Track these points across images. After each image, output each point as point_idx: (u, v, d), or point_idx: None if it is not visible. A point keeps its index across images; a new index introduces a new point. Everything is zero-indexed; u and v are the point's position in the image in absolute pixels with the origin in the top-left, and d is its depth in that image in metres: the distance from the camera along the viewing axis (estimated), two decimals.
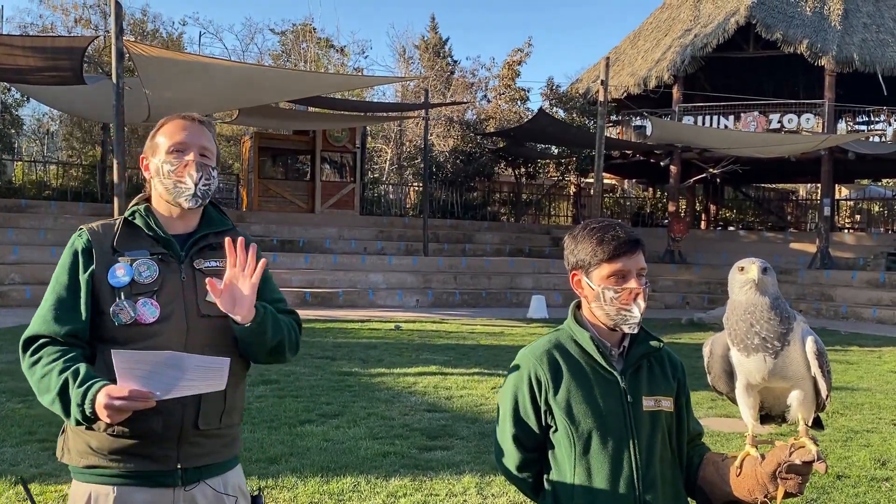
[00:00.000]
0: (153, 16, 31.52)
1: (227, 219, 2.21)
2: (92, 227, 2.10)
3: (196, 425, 2.00)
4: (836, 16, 21.37)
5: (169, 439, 1.97)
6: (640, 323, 1.95)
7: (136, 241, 2.06)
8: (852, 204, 29.41)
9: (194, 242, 2.11)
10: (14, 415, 6.36)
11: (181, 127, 2.11)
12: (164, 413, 1.94)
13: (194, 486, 2.01)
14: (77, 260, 2.04)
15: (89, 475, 2.00)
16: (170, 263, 2.05)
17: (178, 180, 2.06)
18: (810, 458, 1.75)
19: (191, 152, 2.08)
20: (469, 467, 5.27)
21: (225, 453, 2.09)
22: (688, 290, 19.59)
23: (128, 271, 2.00)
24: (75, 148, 26.18)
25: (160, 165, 2.08)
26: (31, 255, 15.83)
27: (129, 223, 2.10)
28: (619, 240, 1.94)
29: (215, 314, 2.01)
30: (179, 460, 1.99)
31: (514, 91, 28.44)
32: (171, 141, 2.09)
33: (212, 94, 14.58)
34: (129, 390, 1.77)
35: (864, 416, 7.34)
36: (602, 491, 1.90)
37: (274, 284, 2.24)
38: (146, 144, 2.17)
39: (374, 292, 16.96)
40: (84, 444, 1.99)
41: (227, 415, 2.07)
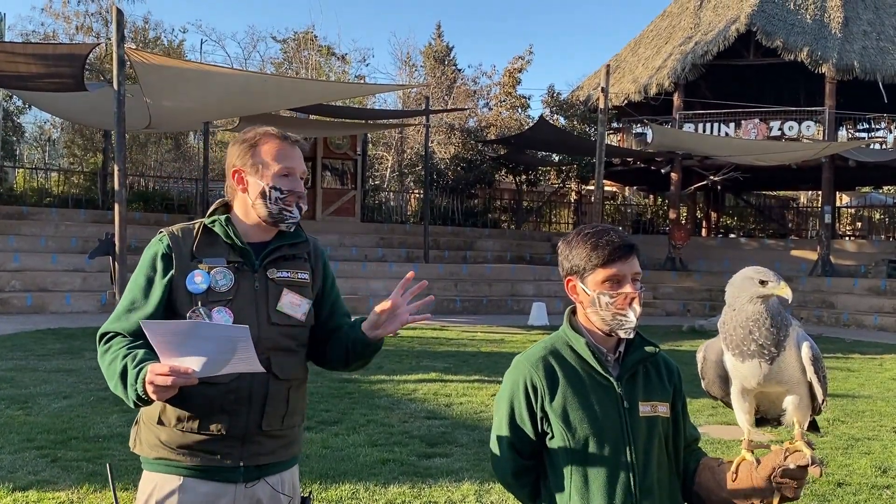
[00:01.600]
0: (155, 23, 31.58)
1: (301, 230, 2.26)
2: (172, 231, 2.16)
3: (260, 426, 2.08)
4: (836, 23, 21.40)
5: (234, 438, 2.06)
6: (636, 328, 1.94)
7: (214, 248, 2.13)
8: (853, 211, 29.39)
9: (269, 253, 2.17)
10: (13, 422, 6.34)
11: (285, 151, 2.15)
12: (230, 413, 2.05)
13: (255, 483, 2.10)
14: (156, 263, 2.11)
15: (158, 465, 2.08)
16: (245, 272, 2.12)
17: (286, 208, 2.14)
18: (805, 463, 1.74)
19: (297, 181, 2.15)
20: (468, 474, 5.26)
21: (285, 453, 2.17)
22: (689, 298, 19.57)
23: (205, 279, 2.08)
24: (76, 155, 26.21)
25: (268, 189, 2.12)
26: (31, 262, 15.83)
27: (208, 230, 2.15)
28: (613, 245, 1.93)
29: (283, 322, 2.12)
30: (242, 458, 2.07)
31: (515, 98, 28.49)
32: (280, 164, 2.13)
33: (213, 102, 14.61)
34: (170, 366, 1.83)
35: (865, 423, 7.32)
36: (599, 497, 1.90)
37: (342, 302, 2.36)
38: (240, 157, 2.17)
39: (374, 299, 16.88)
40: (155, 437, 2.08)
41: (289, 416, 2.15)
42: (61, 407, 6.90)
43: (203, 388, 2.00)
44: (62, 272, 15.71)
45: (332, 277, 2.32)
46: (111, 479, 2.18)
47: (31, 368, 8.76)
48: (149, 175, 25.25)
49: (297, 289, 2.17)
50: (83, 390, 7.63)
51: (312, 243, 2.28)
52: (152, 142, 27.15)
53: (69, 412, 6.69)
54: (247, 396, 2.06)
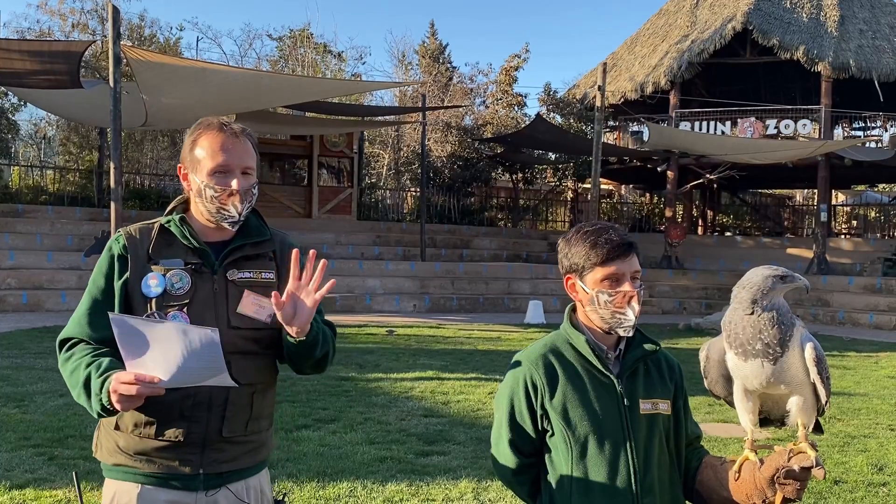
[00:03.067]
0: (151, 21, 31.47)
1: (265, 227, 2.16)
2: (130, 231, 2.09)
3: (220, 432, 2.00)
4: (832, 22, 21.44)
5: (193, 444, 1.98)
6: (635, 326, 1.94)
7: (171, 249, 2.04)
8: (849, 210, 29.47)
9: (229, 253, 2.07)
10: (9, 420, 6.33)
11: (221, 144, 2.02)
12: (189, 419, 1.97)
13: (216, 491, 2.02)
14: (113, 265, 2.03)
15: (116, 472, 2.03)
16: (203, 274, 2.03)
17: (222, 207, 2.02)
18: (809, 465, 1.73)
19: (234, 177, 2.01)
20: (466, 472, 5.26)
21: (248, 460, 2.09)
22: (685, 296, 19.59)
23: (160, 281, 1.99)
24: (72, 153, 26.13)
25: (202, 188, 2.02)
26: (27, 260, 15.79)
27: (166, 230, 2.07)
28: (612, 243, 1.92)
29: (245, 326, 2.03)
30: (202, 466, 2.00)
31: (512, 97, 28.47)
32: (213, 162, 2.01)
33: (209, 98, 14.57)
34: (135, 375, 1.77)
35: (861, 421, 7.33)
36: (599, 495, 1.89)
37: None
38: (184, 153, 2.08)
39: (371, 297, 16.93)
40: (113, 442, 2.02)
41: (253, 422, 2.07)
42: (57, 405, 6.88)
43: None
44: (58, 270, 15.67)
45: None
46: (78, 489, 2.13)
47: (27, 367, 8.74)
48: (145, 173, 25.20)
49: (260, 289, 2.06)
50: None
51: (279, 240, 2.17)
52: (148, 139, 27.08)
53: (65, 410, 6.68)
54: (206, 402, 1.97)
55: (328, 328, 2.15)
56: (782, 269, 1.80)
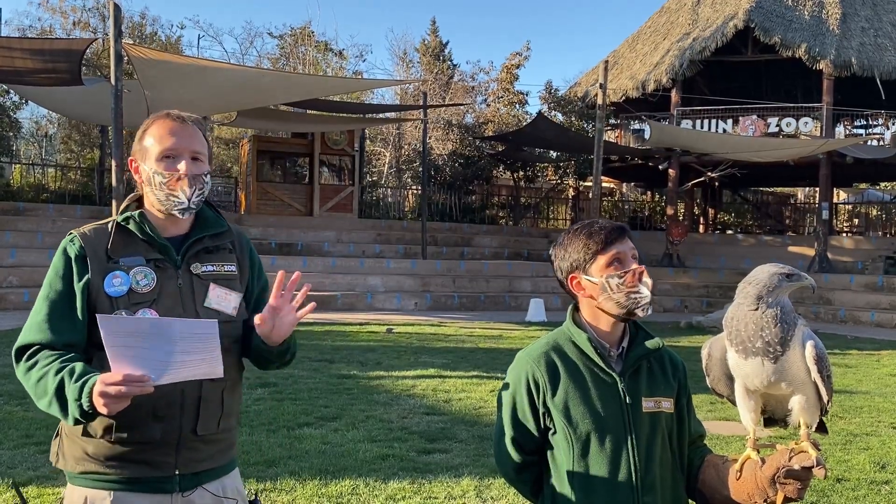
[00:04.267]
0: (152, 19, 31.50)
1: (222, 219, 2.14)
2: (84, 231, 2.03)
3: (195, 431, 1.97)
4: (834, 20, 21.41)
5: (167, 445, 1.95)
6: (652, 302, 1.94)
7: (131, 247, 1.99)
8: (850, 208, 29.44)
9: (190, 246, 2.05)
10: (11, 418, 6.34)
11: (169, 130, 1.99)
12: (163, 419, 1.93)
13: (192, 491, 1.99)
14: (71, 267, 1.97)
15: (85, 479, 1.97)
16: (166, 269, 2.00)
17: (171, 193, 1.98)
18: (810, 464, 1.72)
19: (182, 160, 1.98)
20: (468, 470, 5.26)
21: (223, 458, 2.07)
22: (686, 294, 19.59)
23: (125, 280, 1.95)
24: (73, 151, 26.15)
25: (151, 175, 1.99)
26: (28, 258, 15.80)
27: (122, 227, 2.02)
28: (606, 229, 1.96)
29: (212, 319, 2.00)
30: (177, 466, 1.96)
31: (513, 95, 28.47)
32: (160, 146, 1.98)
33: (210, 96, 14.58)
34: (123, 374, 1.71)
35: (863, 419, 7.33)
36: (600, 493, 1.89)
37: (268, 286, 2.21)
38: (134, 146, 2.06)
39: (372, 295, 16.94)
40: (80, 450, 1.96)
41: (224, 419, 2.04)
42: None
43: None
44: None
45: (258, 270, 2.18)
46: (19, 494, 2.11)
47: None
48: None
49: (224, 282, 2.05)
50: None
51: (236, 233, 2.15)
52: None
53: None
54: (179, 401, 1.93)
55: None
56: (789, 268, 1.79)
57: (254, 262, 2.18)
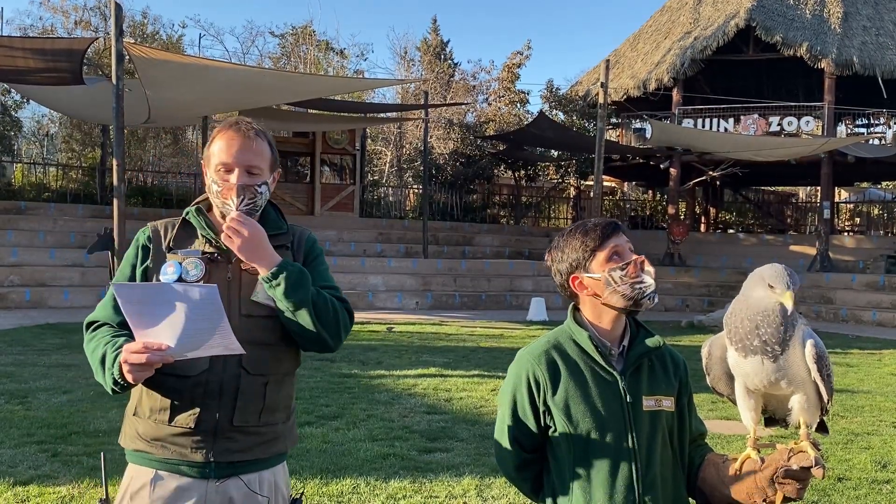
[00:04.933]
0: (153, 18, 31.52)
1: (283, 221, 2.23)
2: (156, 224, 2.20)
3: (231, 421, 2.03)
4: (835, 19, 21.38)
5: (204, 432, 2.02)
6: (656, 291, 1.94)
7: (190, 241, 2.14)
8: (852, 207, 29.40)
9: None
10: (13, 417, 6.34)
11: (229, 142, 2.11)
12: (200, 407, 2.02)
13: (227, 480, 2.05)
14: (137, 254, 2.15)
15: (136, 457, 2.09)
16: (219, 263, 2.10)
17: (224, 201, 2.10)
18: (809, 464, 1.72)
19: (234, 172, 2.09)
20: (469, 469, 5.26)
21: (263, 451, 2.10)
22: (687, 293, 19.58)
23: (176, 269, 2.07)
24: (75, 150, 26.16)
25: (210, 183, 2.13)
26: (30, 257, 15.82)
27: (187, 223, 2.18)
28: (600, 225, 1.98)
29: (258, 314, 2.06)
30: (213, 454, 2.03)
31: (514, 94, 28.45)
32: (218, 159, 2.11)
33: (211, 96, 14.59)
34: (143, 343, 1.85)
35: (864, 418, 7.33)
36: (600, 492, 1.89)
37: (330, 276, 2.22)
38: (204, 149, 2.21)
39: (373, 294, 16.94)
40: (133, 429, 2.09)
41: (267, 413, 2.08)
42: (61, 402, 6.90)
43: (174, 380, 2.00)
44: (61, 267, 15.70)
45: (313, 259, 2.23)
46: (104, 470, 2.16)
47: (31, 363, 8.76)
48: (147, 170, 25.22)
49: None
50: (83, 385, 7.62)
51: (298, 233, 2.24)
52: (151, 137, 27.11)
53: (69, 407, 6.69)
54: (217, 390, 2.02)
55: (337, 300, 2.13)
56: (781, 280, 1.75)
57: (310, 254, 2.23)
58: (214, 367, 2.01)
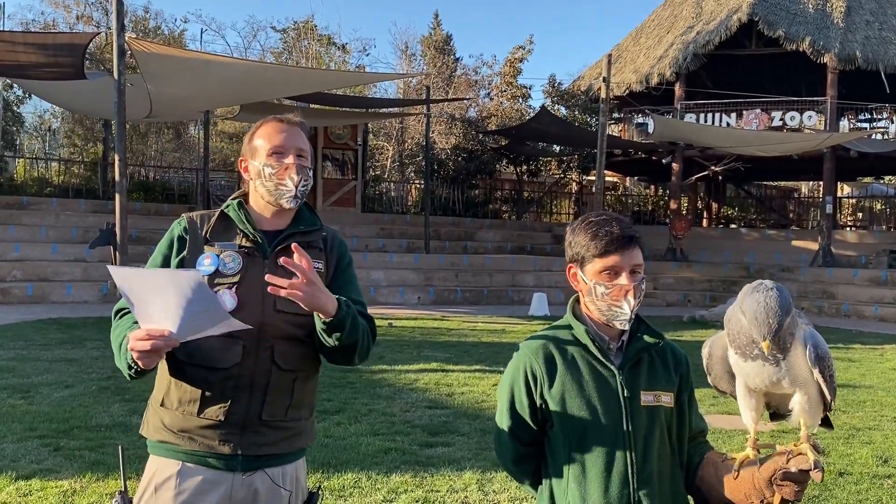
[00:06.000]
0: (155, 13, 31.51)
1: (317, 219, 2.26)
2: (191, 216, 2.22)
3: (260, 416, 2.05)
4: (838, 13, 21.32)
5: (233, 425, 2.04)
6: (631, 319, 1.93)
7: (228, 234, 2.15)
8: (854, 202, 29.35)
9: (282, 240, 2.15)
10: (15, 411, 6.36)
11: (278, 130, 2.17)
12: (230, 399, 2.04)
13: (253, 473, 2.06)
14: (172, 245, 2.15)
15: (160, 449, 2.09)
16: (255, 258, 2.12)
17: (280, 182, 2.13)
18: (808, 467, 1.70)
19: (290, 155, 2.14)
20: (470, 464, 5.27)
21: (288, 446, 2.12)
22: (689, 288, 19.57)
23: (214, 261, 2.09)
24: (77, 145, 26.18)
25: (261, 168, 2.15)
26: (32, 252, 15.83)
27: (225, 216, 2.19)
28: (611, 236, 1.92)
29: (290, 310, 2.07)
30: (241, 447, 2.04)
31: (516, 88, 28.41)
32: (269, 144, 2.15)
33: (213, 90, 14.58)
34: (147, 330, 1.85)
35: (866, 413, 7.33)
36: (595, 486, 1.89)
37: (358, 287, 2.27)
38: (244, 148, 2.24)
39: (375, 290, 16.96)
40: (159, 419, 2.09)
41: (293, 408, 2.12)
42: (63, 396, 6.91)
43: (204, 372, 2.02)
44: (63, 262, 15.71)
45: (344, 268, 2.26)
46: (122, 462, 2.17)
47: (33, 358, 8.77)
48: (149, 165, 25.23)
49: None
50: (85, 380, 7.64)
51: (331, 235, 2.27)
52: (153, 132, 27.12)
53: (71, 401, 6.71)
54: (248, 384, 2.04)
55: (365, 320, 2.18)
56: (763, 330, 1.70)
57: (340, 262, 2.25)
58: (246, 361, 2.03)
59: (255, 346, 2.03)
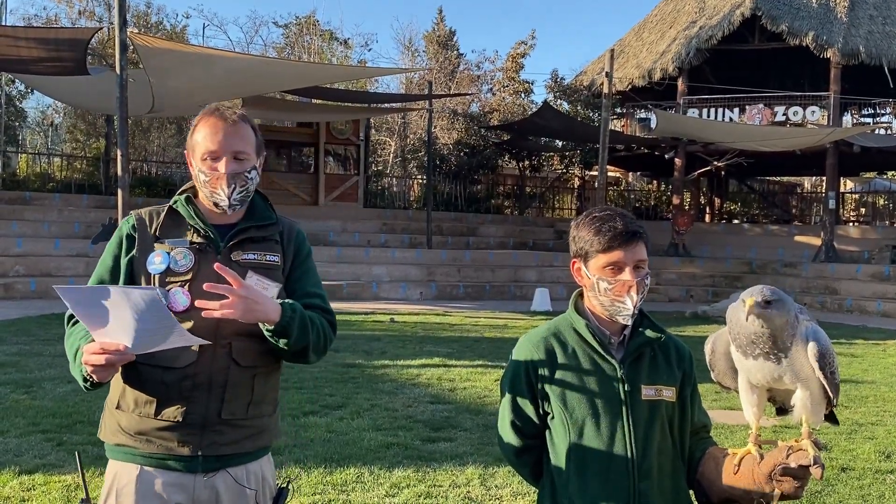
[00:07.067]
0: (157, 8, 31.49)
1: (272, 212, 2.19)
2: (140, 212, 2.14)
3: (219, 414, 2.01)
4: (841, 8, 21.24)
5: (191, 426, 1.99)
6: (634, 315, 1.93)
7: (178, 230, 2.08)
8: (857, 197, 29.30)
9: (235, 234, 2.10)
10: (18, 406, 6.37)
11: (214, 130, 2.06)
12: (188, 400, 1.98)
13: (214, 473, 2.02)
14: (121, 244, 2.09)
15: (118, 453, 2.04)
16: (207, 254, 2.05)
17: (213, 191, 2.06)
18: (807, 463, 1.70)
19: (223, 160, 2.04)
20: (472, 459, 5.28)
21: (250, 444, 2.08)
22: (692, 284, 19.56)
23: (164, 259, 2.03)
24: (79, 140, 26.19)
25: (196, 172, 2.08)
26: (35, 247, 15.85)
27: (174, 211, 2.12)
28: (615, 231, 1.91)
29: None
30: (201, 448, 2.00)
31: (518, 84, 28.37)
32: (203, 147, 2.06)
33: (215, 84, 14.56)
34: (100, 344, 1.81)
35: (868, 408, 7.32)
36: (595, 478, 1.90)
37: (317, 278, 2.22)
38: (188, 139, 2.14)
39: (377, 285, 16.95)
40: (115, 422, 2.04)
41: (254, 405, 2.07)
42: (66, 391, 6.92)
43: (160, 372, 1.96)
44: (65, 257, 15.73)
45: (302, 260, 2.20)
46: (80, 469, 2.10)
47: (36, 353, 8.79)
48: (152, 160, 25.24)
49: (264, 271, 2.07)
50: None
51: (287, 226, 2.19)
52: (155, 127, 27.11)
53: (74, 396, 6.71)
54: (205, 383, 1.99)
55: (323, 316, 2.13)
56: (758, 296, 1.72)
57: (299, 253, 2.19)
58: (203, 360, 1.97)
59: (211, 343, 1.96)
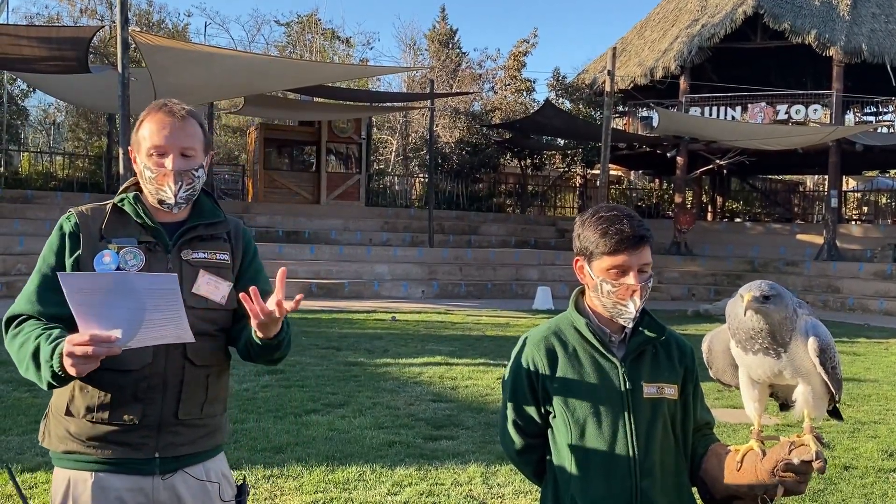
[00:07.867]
0: (159, 6, 31.50)
1: (219, 210, 2.16)
2: (81, 210, 2.07)
3: (176, 415, 1.99)
4: (844, 6, 21.20)
5: (148, 427, 1.96)
6: (636, 318, 1.93)
7: (125, 228, 2.02)
8: (859, 195, 29.26)
9: (184, 233, 2.06)
10: (20, 404, 6.38)
11: (161, 125, 2.00)
12: (143, 401, 1.95)
13: (172, 474, 2.00)
14: (64, 243, 2.01)
15: (68, 461, 1.99)
16: (157, 253, 2.01)
17: (159, 188, 2.00)
18: (810, 458, 1.70)
19: (169, 156, 1.99)
20: (474, 457, 5.27)
21: (204, 443, 2.07)
22: (694, 282, 19.55)
23: (114, 259, 1.97)
24: (81, 139, 26.20)
25: (142, 168, 2.02)
26: (37, 245, 15.77)
27: (119, 209, 2.05)
28: (622, 234, 1.90)
29: (199, 306, 2.01)
30: (158, 449, 1.97)
31: (520, 82, 28.36)
32: (150, 142, 2.00)
33: (217, 82, 14.57)
34: (90, 334, 1.72)
35: (871, 407, 7.32)
36: (597, 476, 1.89)
37: (266, 276, 2.18)
38: (132, 135, 2.09)
39: (379, 283, 16.95)
40: (63, 429, 1.98)
41: (208, 405, 2.06)
42: None
43: (113, 375, 1.91)
44: None
45: (251, 258, 2.17)
46: (15, 483, 2.05)
47: None
48: None
49: (214, 270, 2.05)
50: None
51: (234, 225, 2.16)
52: None
53: None
54: (161, 383, 1.96)
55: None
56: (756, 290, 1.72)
57: (248, 251, 2.17)
58: (158, 360, 1.94)
59: (166, 344, 1.89)
